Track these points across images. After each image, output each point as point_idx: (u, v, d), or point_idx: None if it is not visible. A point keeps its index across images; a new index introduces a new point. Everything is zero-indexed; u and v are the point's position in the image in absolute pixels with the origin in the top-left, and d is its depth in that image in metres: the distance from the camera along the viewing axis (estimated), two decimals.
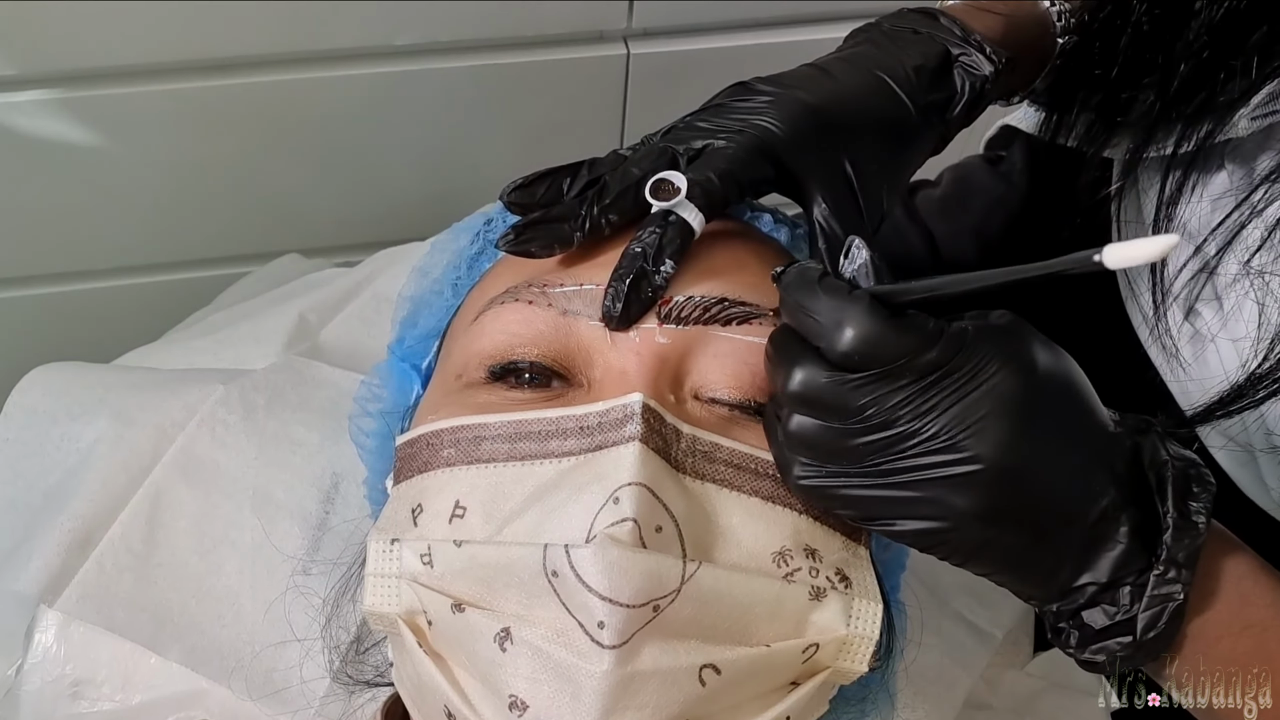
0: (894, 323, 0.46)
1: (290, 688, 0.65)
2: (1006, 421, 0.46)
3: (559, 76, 1.17)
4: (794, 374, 0.47)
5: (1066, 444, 0.48)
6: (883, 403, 0.46)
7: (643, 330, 0.52)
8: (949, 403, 0.46)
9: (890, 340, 0.46)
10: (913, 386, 0.46)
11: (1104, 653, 0.50)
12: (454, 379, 0.56)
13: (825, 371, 0.47)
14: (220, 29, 1.05)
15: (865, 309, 0.46)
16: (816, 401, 0.47)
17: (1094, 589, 0.49)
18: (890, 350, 0.46)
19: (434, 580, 0.49)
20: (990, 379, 0.46)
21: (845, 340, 0.46)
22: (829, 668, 0.50)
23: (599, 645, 0.45)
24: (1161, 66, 0.63)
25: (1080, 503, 0.48)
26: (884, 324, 0.46)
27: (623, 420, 0.49)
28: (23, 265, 1.22)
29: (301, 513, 0.71)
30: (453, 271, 0.63)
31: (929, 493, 0.47)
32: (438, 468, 0.52)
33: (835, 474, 0.48)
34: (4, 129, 1.08)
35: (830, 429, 0.47)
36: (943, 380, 0.46)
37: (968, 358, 0.46)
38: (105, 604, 0.67)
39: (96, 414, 0.73)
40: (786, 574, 0.49)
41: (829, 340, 0.47)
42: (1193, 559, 0.48)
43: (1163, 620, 0.48)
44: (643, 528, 0.46)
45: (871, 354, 0.46)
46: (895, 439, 0.46)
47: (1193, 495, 0.49)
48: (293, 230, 1.24)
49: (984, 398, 0.46)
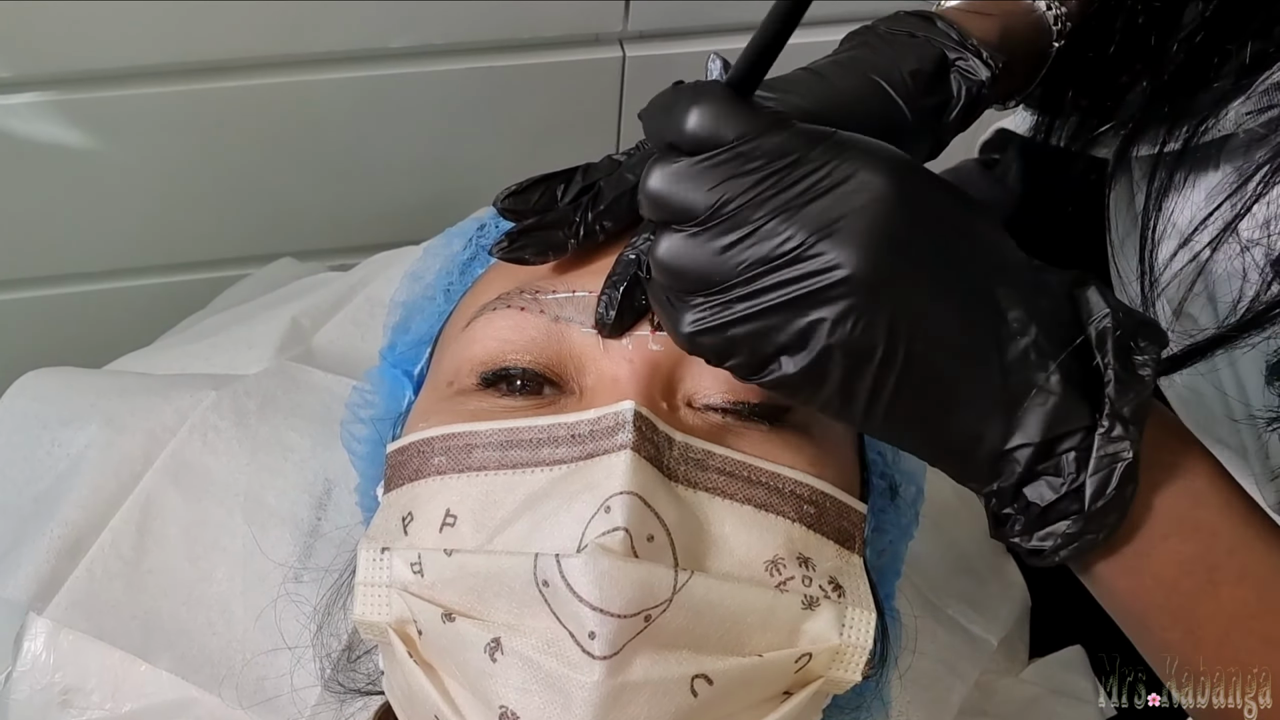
0: (743, 103, 0.44)
1: (281, 696, 0.65)
2: (869, 224, 0.42)
3: (555, 79, 1.17)
4: (650, 174, 0.45)
5: (956, 264, 0.44)
6: (732, 188, 0.43)
7: (635, 337, 0.52)
8: (804, 199, 0.43)
9: (736, 116, 0.43)
10: (762, 172, 0.43)
11: (1051, 537, 0.46)
12: (445, 385, 0.55)
13: (672, 160, 0.44)
14: (215, 31, 1.05)
15: (712, 91, 0.44)
16: (670, 196, 0.44)
17: (1029, 452, 0.45)
18: (736, 125, 0.43)
19: (424, 589, 0.49)
20: (851, 179, 0.43)
21: (691, 120, 0.44)
22: (822, 677, 0.50)
23: (590, 656, 0.44)
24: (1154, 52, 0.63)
25: (984, 337, 0.44)
26: (730, 102, 0.44)
27: (614, 428, 0.49)
28: (17, 268, 1.22)
29: (293, 519, 0.71)
30: (445, 277, 0.63)
31: (801, 313, 0.43)
32: (428, 476, 0.52)
33: (714, 306, 0.45)
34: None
35: (692, 238, 0.44)
36: (795, 170, 0.43)
37: (824, 153, 0.43)
38: (95, 611, 0.66)
39: (88, 419, 0.73)
40: (779, 583, 0.49)
41: (675, 127, 0.44)
42: (1140, 415, 0.44)
43: (1112, 484, 0.44)
44: (634, 537, 0.45)
45: (716, 129, 0.43)
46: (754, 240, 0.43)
47: (1138, 349, 0.45)
48: (288, 233, 1.24)
49: (844, 197, 0.43)
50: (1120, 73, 0.65)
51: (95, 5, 1.00)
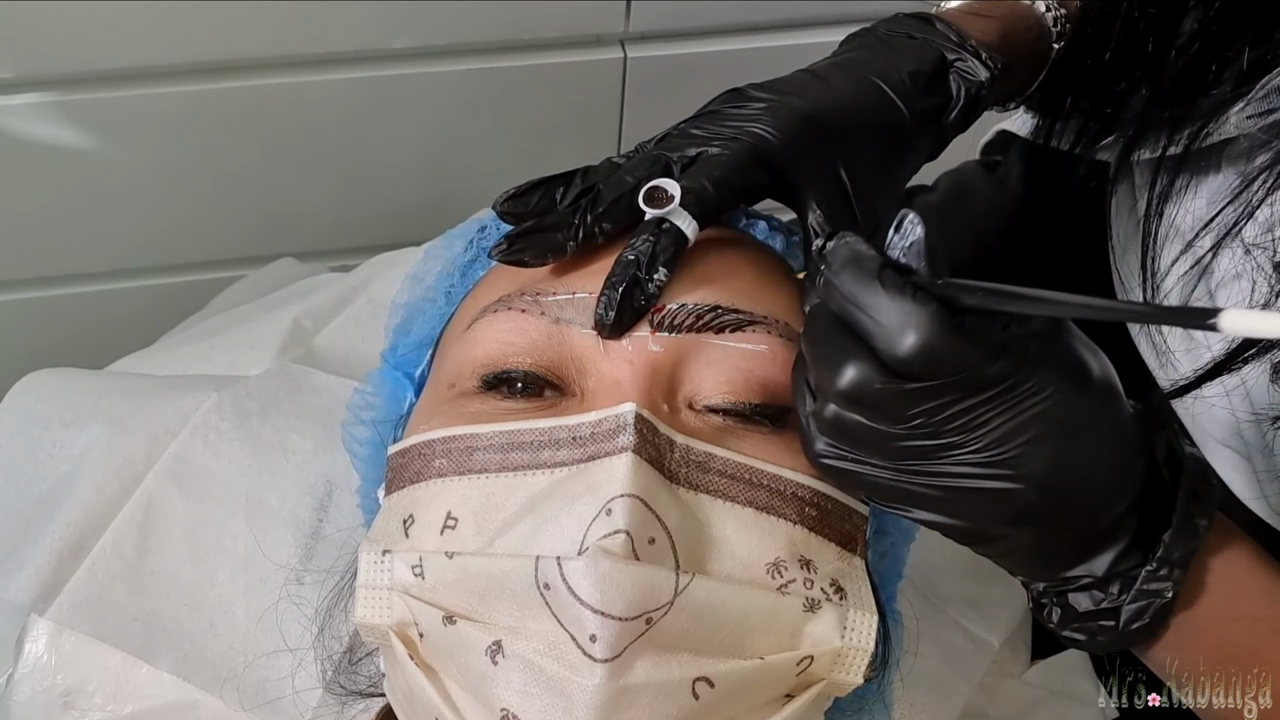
0: (960, 333, 0.43)
1: (283, 698, 0.65)
2: (1054, 444, 0.45)
3: (556, 80, 1.17)
4: (845, 370, 0.45)
5: (1101, 456, 0.47)
6: (934, 414, 0.44)
7: (635, 339, 0.52)
8: (1002, 419, 0.44)
9: (955, 352, 0.43)
10: (968, 400, 0.44)
11: (1084, 632, 0.50)
12: (446, 388, 0.55)
13: (880, 375, 0.44)
14: (216, 32, 1.05)
15: (930, 314, 0.43)
16: (865, 402, 0.45)
17: (1088, 580, 0.49)
18: (953, 362, 0.43)
19: (425, 592, 0.49)
20: (1045, 399, 0.45)
21: (908, 348, 0.43)
22: (824, 680, 0.50)
23: (591, 659, 0.44)
24: (1153, 59, 0.63)
25: (1103, 509, 0.48)
26: (950, 334, 0.43)
27: (616, 431, 0.49)
28: (18, 268, 1.22)
29: (295, 520, 0.71)
30: (446, 279, 0.63)
31: (959, 496, 0.46)
32: (429, 478, 0.52)
33: (862, 461, 0.47)
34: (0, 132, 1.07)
35: (873, 429, 0.45)
36: (1000, 395, 0.44)
37: (1028, 374, 0.44)
38: (97, 613, 0.66)
39: (90, 420, 0.73)
40: (781, 585, 0.49)
41: (889, 343, 0.43)
42: (1187, 559, 0.48)
43: (1147, 615, 0.49)
44: (635, 540, 0.45)
45: (933, 365, 0.43)
46: (939, 447, 0.45)
47: (1198, 497, 0.49)
48: (288, 234, 1.24)
49: (1036, 418, 0.45)
50: (1120, 79, 0.66)
51: (96, 6, 1.00)
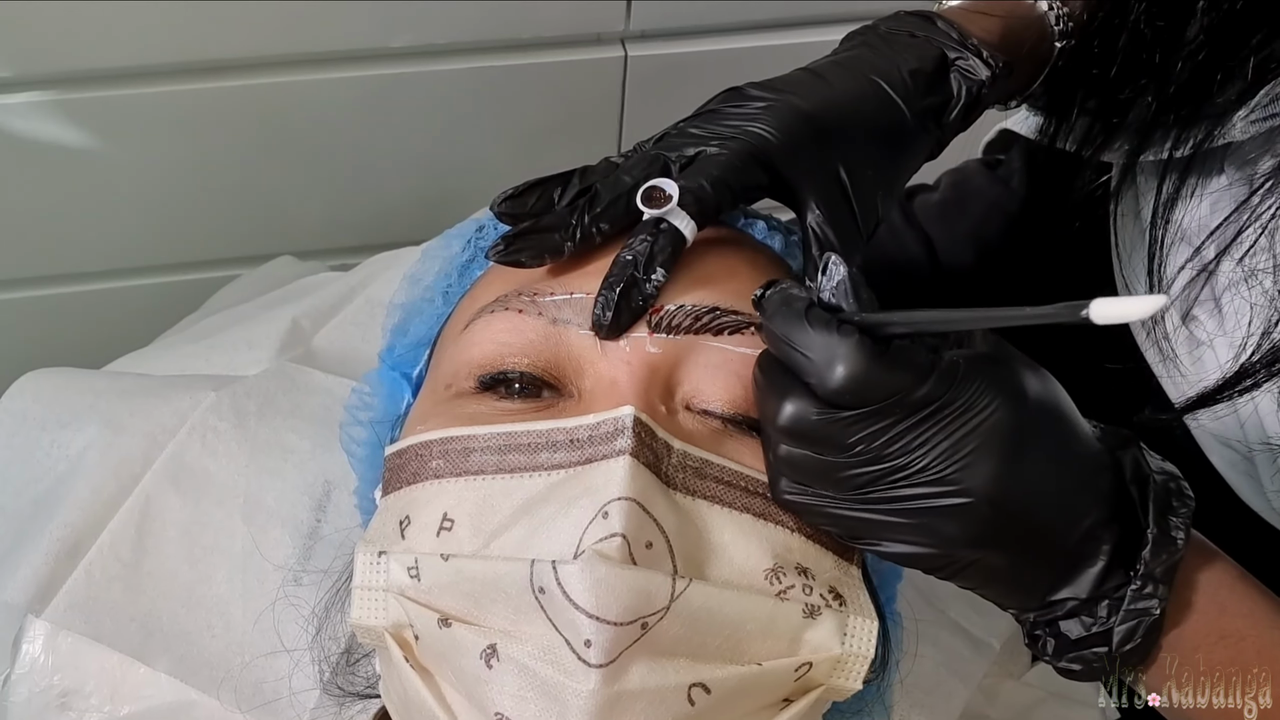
0: (885, 360, 0.46)
1: (280, 699, 0.65)
2: (997, 455, 0.46)
3: (556, 79, 1.17)
4: (783, 408, 0.47)
5: (1054, 471, 0.48)
6: (873, 439, 0.46)
7: (633, 340, 0.52)
8: (939, 437, 0.46)
9: (882, 378, 0.45)
10: (903, 423, 0.46)
11: (1080, 661, 0.51)
12: (444, 389, 0.55)
13: (815, 408, 0.47)
14: (214, 31, 1.05)
15: (855, 345, 0.45)
16: (806, 436, 0.47)
17: (1074, 603, 0.50)
18: (882, 389, 0.45)
19: (421, 594, 0.49)
20: (981, 413, 0.46)
21: (836, 379, 0.45)
22: (822, 685, 0.49)
23: (585, 664, 0.44)
24: (1159, 68, 0.63)
25: (1066, 525, 0.49)
26: (875, 362, 0.45)
27: (613, 434, 0.49)
28: (15, 268, 1.22)
29: (293, 521, 0.71)
30: (443, 279, 0.63)
31: (917, 520, 0.47)
32: (426, 479, 0.52)
33: (823, 495, 0.48)
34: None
35: (820, 460, 0.47)
36: (934, 415, 0.46)
37: (959, 392, 0.46)
38: (94, 613, 0.66)
39: (87, 421, 0.73)
40: (779, 591, 0.48)
41: (819, 377, 0.46)
42: (1170, 574, 0.49)
43: (1138, 634, 0.49)
44: (632, 543, 0.45)
45: (863, 393, 0.46)
46: (885, 472, 0.47)
47: (1172, 510, 0.50)
48: (287, 233, 1.24)
49: (974, 432, 0.46)
50: (1125, 85, 0.65)
51: (94, 5, 1.00)
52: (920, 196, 0.98)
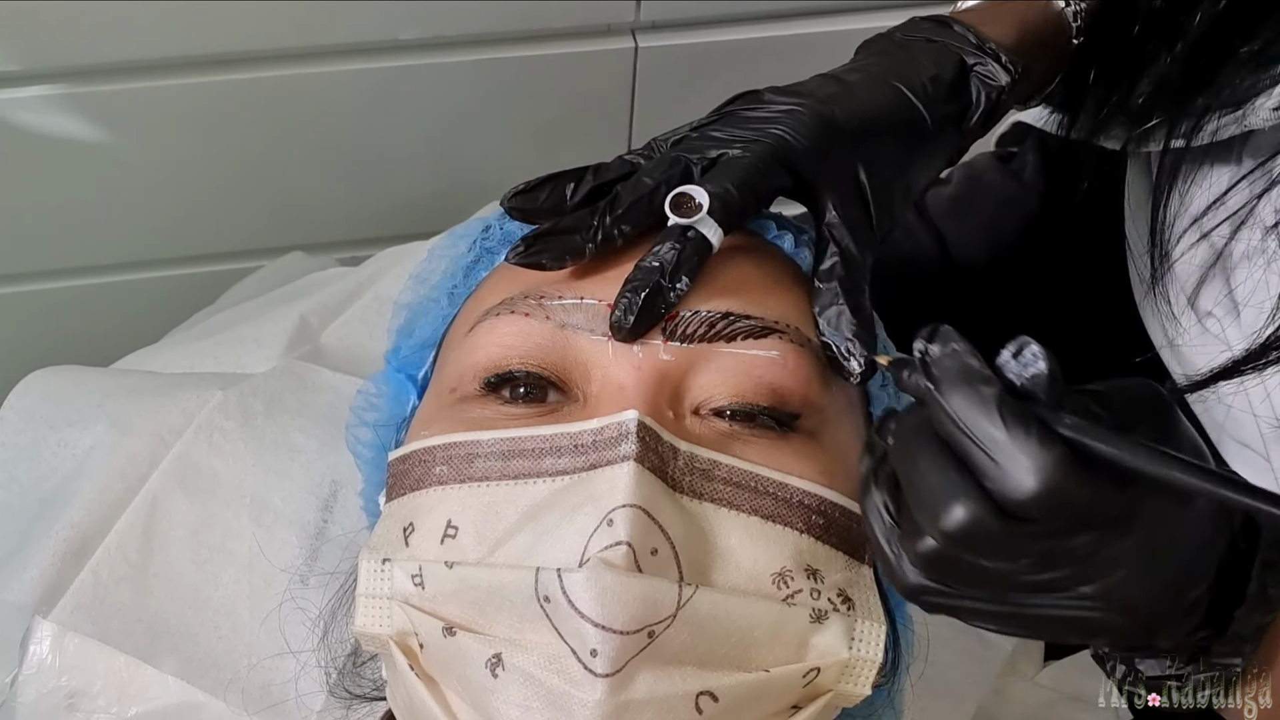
0: (1085, 476, 0.39)
1: (287, 701, 0.65)
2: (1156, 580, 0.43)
3: (567, 71, 1.16)
4: (954, 509, 0.41)
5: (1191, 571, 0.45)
6: (1050, 552, 0.41)
7: (647, 346, 0.51)
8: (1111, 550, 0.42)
9: (1079, 497, 0.40)
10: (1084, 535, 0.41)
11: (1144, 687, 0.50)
12: (448, 392, 0.55)
13: (996, 519, 0.40)
14: (225, 23, 1.04)
15: (1059, 461, 0.39)
16: (976, 546, 0.41)
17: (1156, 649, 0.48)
18: (1076, 506, 0.40)
19: (425, 602, 0.48)
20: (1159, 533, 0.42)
21: (1028, 492, 0.39)
22: (831, 691, 0.49)
23: (591, 673, 0.44)
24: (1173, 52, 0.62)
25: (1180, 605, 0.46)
26: (1076, 478, 0.39)
27: (618, 439, 0.48)
28: (27, 261, 1.22)
29: (300, 521, 0.70)
30: (449, 279, 0.62)
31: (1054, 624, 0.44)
32: (430, 485, 0.51)
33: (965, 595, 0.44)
34: (9, 125, 1.08)
35: (981, 567, 0.42)
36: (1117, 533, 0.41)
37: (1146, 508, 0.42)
38: (101, 615, 0.66)
39: (94, 420, 0.73)
40: (787, 596, 0.48)
41: (1005, 486, 0.39)
42: (1260, 633, 0.47)
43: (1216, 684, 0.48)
44: (637, 551, 0.45)
45: (1056, 510, 0.40)
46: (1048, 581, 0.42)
47: (1273, 567, 0.47)
48: (298, 226, 1.24)
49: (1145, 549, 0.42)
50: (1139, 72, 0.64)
51: None
52: (932, 190, 0.97)
